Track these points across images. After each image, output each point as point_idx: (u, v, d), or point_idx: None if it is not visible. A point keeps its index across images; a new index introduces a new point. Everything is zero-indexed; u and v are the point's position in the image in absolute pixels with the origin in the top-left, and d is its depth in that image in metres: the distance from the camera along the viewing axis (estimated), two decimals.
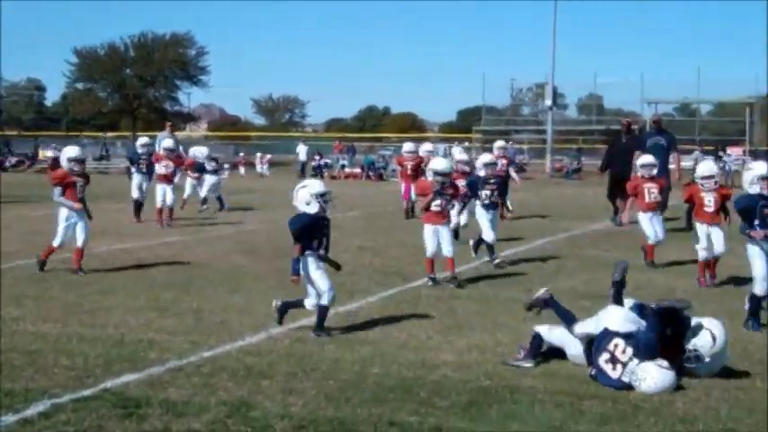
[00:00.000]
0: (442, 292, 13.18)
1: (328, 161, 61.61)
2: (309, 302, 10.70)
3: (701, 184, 14.22)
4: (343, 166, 60.48)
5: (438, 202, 13.76)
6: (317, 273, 10.57)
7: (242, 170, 59.19)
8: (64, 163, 14.83)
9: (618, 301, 9.44)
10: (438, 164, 14.36)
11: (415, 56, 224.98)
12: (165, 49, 78.97)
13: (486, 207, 16.20)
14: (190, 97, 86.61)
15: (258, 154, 63.72)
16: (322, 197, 10.76)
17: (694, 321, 8.90)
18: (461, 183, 18.03)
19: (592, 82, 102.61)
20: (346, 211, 27.99)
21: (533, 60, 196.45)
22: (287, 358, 9.24)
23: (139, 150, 24.29)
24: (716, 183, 14.27)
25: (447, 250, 13.79)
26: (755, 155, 49.09)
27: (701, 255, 14.15)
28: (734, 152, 57.87)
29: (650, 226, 16.25)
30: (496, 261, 15.83)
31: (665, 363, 8.39)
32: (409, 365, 9.03)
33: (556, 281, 14.23)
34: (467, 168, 18.81)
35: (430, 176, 14.02)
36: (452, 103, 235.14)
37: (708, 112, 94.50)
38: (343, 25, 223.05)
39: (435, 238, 13.83)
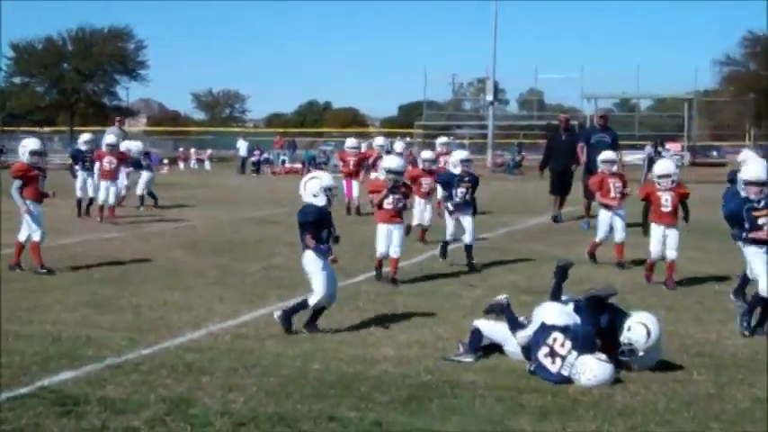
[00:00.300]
0: (382, 288, 13.19)
1: (269, 156, 61.40)
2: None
3: (658, 183, 13.86)
4: (283, 162, 60.30)
5: (390, 200, 13.65)
6: (318, 273, 10.49)
7: (182, 165, 58.81)
8: (26, 156, 14.44)
9: (556, 296, 9.51)
10: (391, 162, 14.22)
11: (356, 50, 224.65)
12: (103, 44, 78.05)
13: (460, 206, 15.37)
14: (129, 92, 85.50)
15: (192, 150, 63.36)
16: (330, 191, 10.72)
17: (630, 315, 8.99)
18: (426, 181, 18.28)
19: (532, 77, 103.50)
20: (287, 206, 27.92)
21: (474, 55, 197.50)
22: (227, 354, 9.19)
23: (83, 147, 23.88)
24: (673, 182, 13.81)
25: (394, 251, 13.69)
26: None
27: (653, 254, 13.80)
28: (672, 148, 58.48)
29: (606, 224, 15.57)
30: (444, 260, 15.56)
31: (603, 356, 8.47)
32: (350, 361, 9.03)
33: (497, 276, 14.33)
34: (433, 167, 18.77)
35: (382, 175, 13.86)
36: (394, 98, 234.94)
37: (647, 107, 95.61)
38: (284, 19, 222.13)
39: (388, 239, 13.74)
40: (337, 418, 7.18)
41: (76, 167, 23.50)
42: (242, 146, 58.08)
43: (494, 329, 9.33)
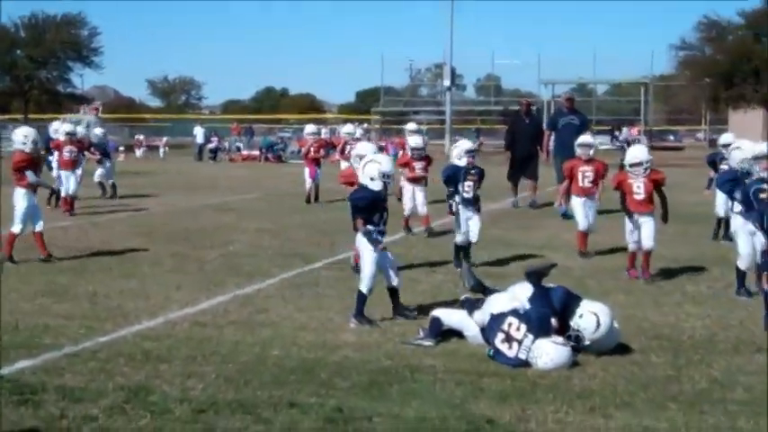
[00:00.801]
0: (342, 273, 13.15)
1: (226, 143, 61.15)
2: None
3: (630, 172, 13.02)
4: (238, 149, 60.05)
5: None
6: (368, 254, 10.27)
7: (138, 153, 58.42)
8: (29, 146, 14.28)
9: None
10: (364, 149, 13.30)
11: (313, 36, 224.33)
12: (56, 30, 77.14)
13: (467, 202, 13.55)
14: (83, 79, 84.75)
15: (141, 137, 62.94)
16: (387, 177, 10.40)
17: (583, 301, 9.02)
18: (419, 165, 17.75)
19: (490, 63, 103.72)
20: (245, 193, 27.86)
21: (432, 41, 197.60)
22: (186, 342, 9.14)
23: (53, 136, 23.38)
24: (645, 169, 12.87)
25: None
26: None
27: (630, 246, 13.09)
28: (631, 132, 58.89)
29: (582, 212, 14.98)
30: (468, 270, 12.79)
31: (560, 339, 8.51)
32: (310, 347, 9.01)
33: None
34: (423, 155, 18.00)
35: (356, 164, 12.78)
36: (351, 83, 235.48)
37: (604, 92, 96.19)
38: (240, 5, 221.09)
39: None
40: (298, 404, 7.15)
41: (51, 158, 22.98)
42: (198, 133, 57.75)
43: (452, 317, 9.35)
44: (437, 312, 9.39)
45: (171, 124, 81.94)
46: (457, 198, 13.44)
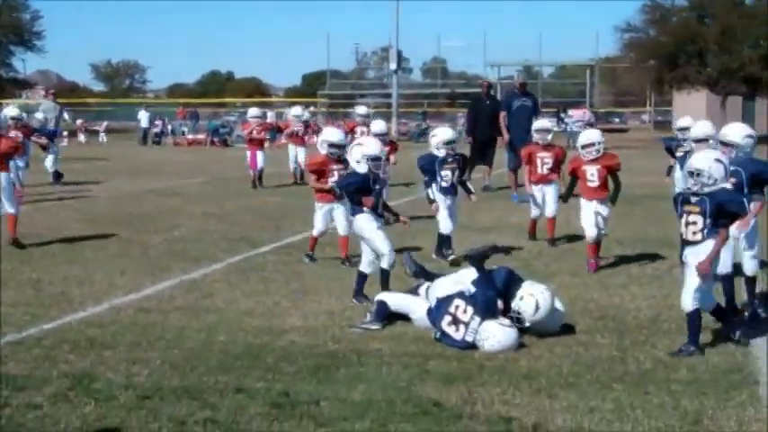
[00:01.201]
0: (288, 258, 13.12)
1: (170, 127, 60.68)
2: (365, 266, 10.36)
3: (583, 155, 12.49)
4: (183, 132, 59.63)
5: (335, 178, 12.40)
6: (376, 233, 10.18)
7: (82, 137, 57.76)
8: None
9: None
10: (332, 135, 13.03)
11: (259, 19, 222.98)
12: None
13: (446, 191, 13.08)
14: (25, 63, 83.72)
15: (79, 121, 62.21)
16: (372, 160, 10.32)
17: (526, 285, 9.05)
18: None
19: (436, 45, 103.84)
20: (190, 177, 27.67)
21: (377, 24, 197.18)
22: (130, 328, 9.06)
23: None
24: (597, 150, 12.38)
25: (342, 228, 12.69)
26: None
27: (588, 236, 12.40)
28: (575, 114, 59.26)
29: (538, 199, 14.41)
30: (451, 257, 12.46)
31: (507, 321, 8.55)
32: (256, 332, 8.97)
33: (403, 244, 14.31)
34: (386, 140, 16.29)
35: (322, 149, 12.71)
36: (297, 67, 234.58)
37: (550, 74, 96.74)
38: None
39: (327, 218, 12.84)
40: (244, 389, 7.12)
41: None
42: (143, 117, 57.24)
43: (398, 300, 9.35)
44: (382, 296, 9.39)
45: (114, 108, 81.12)
46: (434, 187, 13.01)
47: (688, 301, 8.24)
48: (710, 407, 6.77)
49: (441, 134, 13.32)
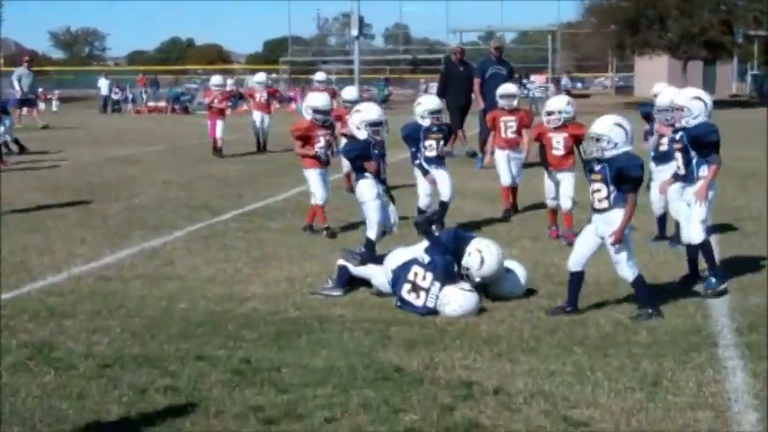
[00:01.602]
0: (250, 225, 13.07)
1: (130, 95, 60.14)
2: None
3: (547, 122, 12.04)
4: (144, 100, 59.13)
5: (321, 143, 12.46)
6: (373, 201, 10.23)
7: (42, 106, 57.12)
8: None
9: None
10: (316, 100, 12.79)
11: None
12: None
13: (430, 161, 12.33)
14: None
15: (39, 90, 61.48)
16: (371, 126, 10.32)
17: (474, 241, 9.07)
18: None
19: (398, 12, 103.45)
20: (151, 145, 27.49)
21: None
22: (90, 297, 9.01)
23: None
24: (558, 120, 11.87)
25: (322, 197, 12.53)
26: None
27: (549, 203, 12.26)
28: (537, 80, 59.31)
29: (505, 165, 13.88)
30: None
31: (467, 285, 8.57)
32: (217, 299, 8.95)
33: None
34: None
35: (307, 115, 12.56)
36: (258, 33, 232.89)
37: (512, 40, 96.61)
38: None
39: (323, 181, 12.56)
40: (205, 356, 7.10)
41: None
42: (103, 84, 56.67)
43: (358, 266, 9.33)
44: (344, 261, 9.36)
45: (74, 77, 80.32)
46: (420, 157, 12.31)
47: (627, 272, 8.33)
48: (670, 369, 6.82)
49: (426, 102, 12.69)
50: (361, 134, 10.37)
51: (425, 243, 9.02)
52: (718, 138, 9.11)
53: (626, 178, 8.12)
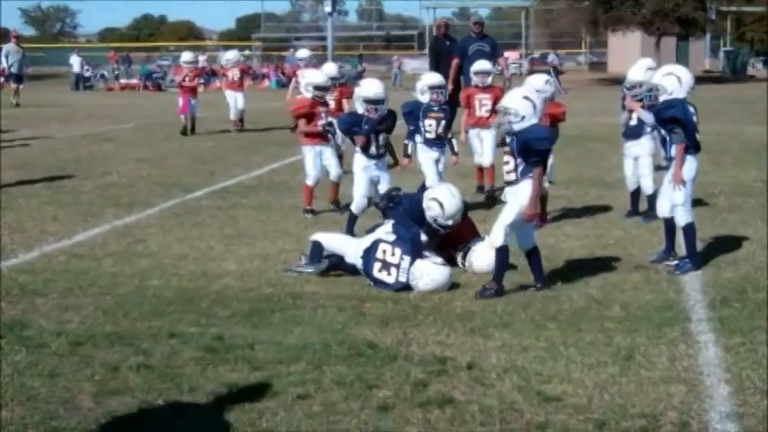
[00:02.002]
0: (222, 202, 13.03)
1: (103, 72, 59.79)
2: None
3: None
4: (116, 77, 58.79)
5: (323, 120, 12.20)
6: (360, 175, 10.67)
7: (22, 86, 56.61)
8: None
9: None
10: (316, 77, 12.58)
11: None
12: None
13: (430, 143, 11.73)
14: None
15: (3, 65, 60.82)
16: (366, 102, 10.47)
17: (428, 192, 9.10)
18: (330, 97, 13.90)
19: None
20: (123, 122, 27.33)
21: None
22: (63, 275, 8.95)
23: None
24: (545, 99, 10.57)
25: (335, 174, 12.43)
26: None
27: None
28: (511, 56, 59.28)
29: (476, 146, 13.37)
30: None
31: (439, 259, 8.58)
32: (190, 277, 8.91)
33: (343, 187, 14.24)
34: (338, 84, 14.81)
35: (308, 93, 12.29)
36: (231, 10, 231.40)
37: (486, 16, 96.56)
38: None
39: (318, 162, 12.28)
40: (177, 334, 7.07)
41: None
42: (75, 62, 56.28)
43: (333, 241, 9.29)
44: (317, 236, 9.32)
45: (44, 54, 79.61)
46: (418, 138, 11.69)
47: (499, 237, 8.24)
48: (642, 343, 6.84)
49: (427, 78, 12.18)
50: (360, 108, 10.59)
51: (388, 227, 9.02)
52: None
53: (532, 151, 8.12)
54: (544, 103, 10.77)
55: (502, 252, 8.23)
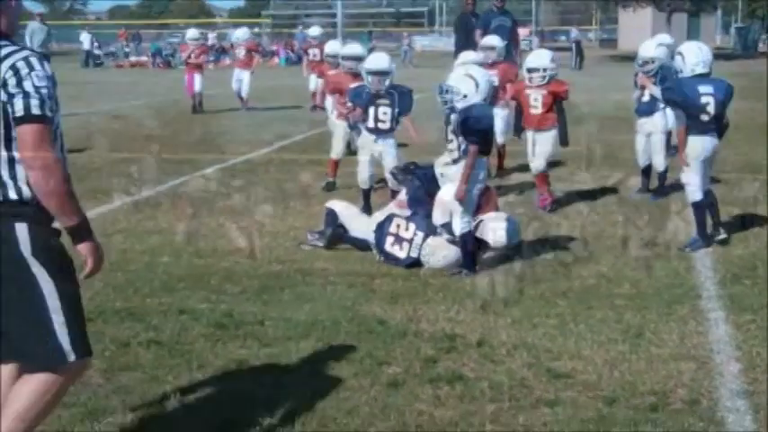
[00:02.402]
0: (232, 179, 13.02)
1: (113, 49, 59.80)
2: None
3: (528, 80, 11.11)
4: (126, 54, 58.81)
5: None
6: (360, 150, 10.94)
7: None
8: None
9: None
10: (351, 49, 12.77)
11: None
12: None
13: None
14: None
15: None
16: (369, 74, 10.54)
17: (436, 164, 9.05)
18: (333, 73, 13.54)
19: None
20: (132, 100, 27.34)
21: None
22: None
23: None
24: (543, 78, 10.94)
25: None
26: None
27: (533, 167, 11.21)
28: (521, 33, 59.11)
29: None
30: None
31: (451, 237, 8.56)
32: (200, 253, 8.92)
33: (350, 165, 14.23)
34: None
35: (341, 66, 12.33)
36: None
37: None
38: None
39: (346, 138, 12.52)
40: (187, 310, 7.08)
41: None
42: (85, 39, 56.30)
43: (347, 212, 9.25)
44: (333, 204, 9.31)
45: (56, 31, 79.63)
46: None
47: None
48: (652, 321, 6.83)
49: (464, 58, 11.96)
50: (365, 80, 10.65)
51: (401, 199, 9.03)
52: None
53: (471, 130, 8.09)
54: (542, 81, 10.97)
55: (464, 238, 8.23)
